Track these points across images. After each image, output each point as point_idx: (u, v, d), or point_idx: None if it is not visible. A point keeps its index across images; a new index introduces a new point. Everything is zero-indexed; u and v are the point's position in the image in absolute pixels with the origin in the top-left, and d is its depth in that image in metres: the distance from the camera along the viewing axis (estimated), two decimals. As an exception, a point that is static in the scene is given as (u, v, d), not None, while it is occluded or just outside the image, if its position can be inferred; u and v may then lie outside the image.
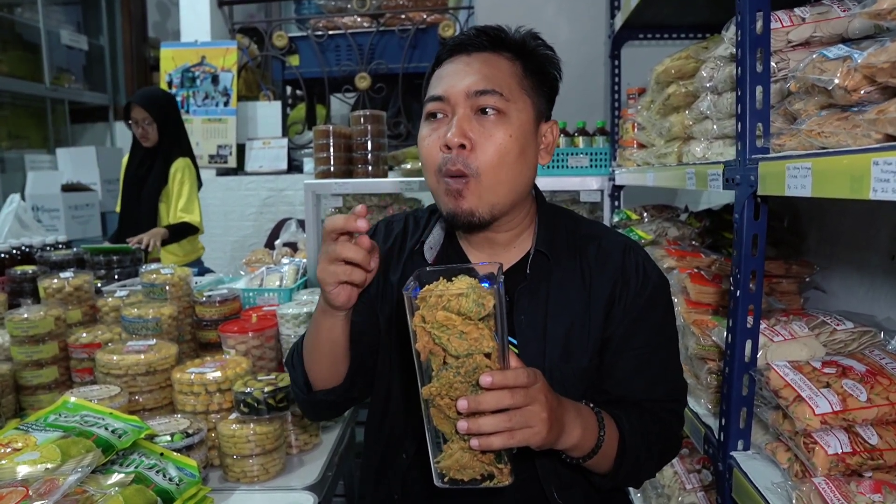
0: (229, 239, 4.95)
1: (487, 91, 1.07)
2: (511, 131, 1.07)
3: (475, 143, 1.06)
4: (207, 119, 4.88)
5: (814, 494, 0.99)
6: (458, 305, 0.84)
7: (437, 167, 1.08)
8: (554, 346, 1.12)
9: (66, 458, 1.04)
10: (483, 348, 0.85)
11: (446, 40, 1.17)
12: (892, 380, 1.09)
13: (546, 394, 0.90)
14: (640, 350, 1.13)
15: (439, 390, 0.86)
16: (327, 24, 4.82)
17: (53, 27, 5.87)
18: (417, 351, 0.87)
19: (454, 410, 0.86)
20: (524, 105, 1.11)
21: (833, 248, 1.75)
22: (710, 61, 1.52)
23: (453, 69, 1.11)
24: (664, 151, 1.91)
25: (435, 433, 0.90)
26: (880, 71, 0.82)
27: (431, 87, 1.14)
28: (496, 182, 1.07)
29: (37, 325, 1.64)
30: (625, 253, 1.17)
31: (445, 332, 0.85)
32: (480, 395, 0.84)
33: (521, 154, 1.09)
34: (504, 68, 1.10)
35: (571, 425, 0.96)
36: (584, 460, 1.03)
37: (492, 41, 1.12)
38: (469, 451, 0.87)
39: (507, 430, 0.85)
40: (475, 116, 1.07)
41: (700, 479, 1.75)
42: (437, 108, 1.10)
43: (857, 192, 0.80)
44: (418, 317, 0.86)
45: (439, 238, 1.24)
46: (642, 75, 2.12)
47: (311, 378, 1.17)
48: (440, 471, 0.89)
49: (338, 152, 2.67)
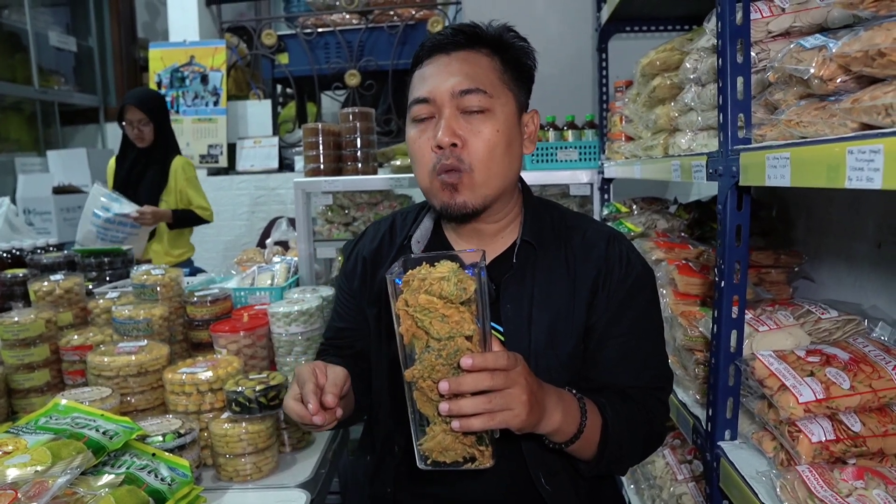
0: (221, 238, 4.94)
1: (472, 90, 1.10)
2: (498, 126, 1.11)
3: (465, 139, 1.10)
4: (197, 119, 4.87)
5: (798, 482, 1.00)
6: (440, 289, 0.86)
7: (430, 167, 1.12)
8: (539, 333, 1.15)
9: (56, 460, 1.04)
10: (464, 331, 0.87)
11: (423, 42, 1.19)
12: (874, 367, 1.10)
13: (527, 377, 0.92)
14: (624, 337, 1.16)
15: (421, 373, 0.88)
16: (316, 21, 4.81)
17: (41, 29, 5.83)
18: (401, 334, 0.89)
19: (436, 393, 0.88)
20: (507, 99, 1.14)
21: (821, 237, 1.76)
22: (694, 53, 1.52)
23: (434, 70, 1.13)
24: (651, 144, 1.92)
25: (419, 416, 0.92)
26: (854, 60, 0.82)
27: (415, 88, 1.16)
28: (488, 175, 1.12)
29: (28, 329, 1.64)
30: (609, 242, 1.21)
31: (428, 315, 0.87)
32: (461, 376, 0.86)
33: (508, 146, 1.13)
34: (484, 65, 1.13)
35: (552, 409, 0.98)
36: (567, 445, 1.05)
37: (469, 38, 1.14)
38: (451, 434, 0.89)
39: (486, 412, 0.86)
40: (462, 115, 1.11)
41: (691, 470, 1.77)
42: (423, 111, 1.13)
43: (834, 181, 0.80)
44: (401, 301, 0.88)
45: (427, 232, 1.27)
46: (629, 68, 2.13)
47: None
48: (423, 453, 0.91)
49: (327, 150, 2.67)
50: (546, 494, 1.15)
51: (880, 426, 1.07)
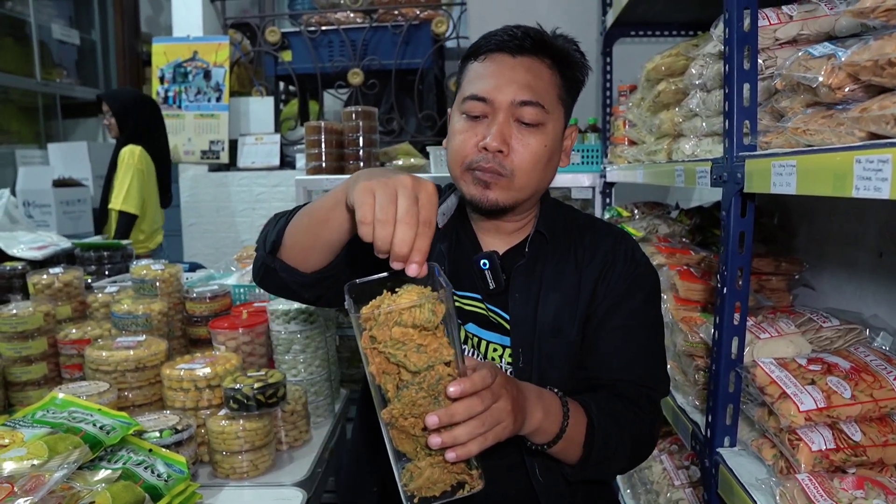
0: (221, 235, 4.93)
1: (531, 102, 1.11)
2: (546, 141, 1.14)
3: (512, 147, 1.11)
4: (199, 115, 4.85)
5: (797, 491, 0.99)
6: (412, 318, 0.80)
7: (467, 163, 1.13)
8: (545, 321, 1.17)
9: (52, 454, 1.03)
10: (444, 357, 0.82)
11: (488, 34, 1.17)
12: (876, 377, 1.10)
13: (506, 386, 0.90)
14: (619, 329, 1.18)
15: (401, 411, 0.82)
16: (320, 19, 4.79)
17: (45, 21, 5.83)
18: (372, 374, 0.83)
19: (419, 428, 0.83)
20: (559, 115, 1.17)
21: (822, 245, 1.76)
22: (700, 58, 1.52)
23: (496, 70, 1.13)
24: (654, 148, 1.91)
25: (397, 456, 0.86)
26: (863, 69, 0.82)
27: (471, 81, 1.16)
28: (526, 183, 1.14)
29: (26, 322, 1.63)
30: (616, 240, 1.25)
31: (401, 348, 0.80)
32: (451, 406, 0.82)
33: (549, 160, 1.17)
34: (546, 78, 1.14)
35: (533, 409, 0.98)
36: (550, 446, 1.03)
37: (535, 45, 1.15)
38: (439, 466, 0.84)
39: (480, 434, 0.84)
40: (514, 123, 1.12)
41: (688, 476, 1.76)
42: (478, 109, 1.13)
43: (840, 190, 0.80)
44: (366, 338, 0.82)
45: (452, 207, 1.27)
46: (634, 72, 2.13)
47: (285, 249, 1.11)
48: (409, 493, 0.86)
49: (329, 148, 2.67)
50: (539, 488, 1.14)
51: (881, 436, 1.06)
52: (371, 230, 0.82)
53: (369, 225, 0.82)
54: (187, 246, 4.81)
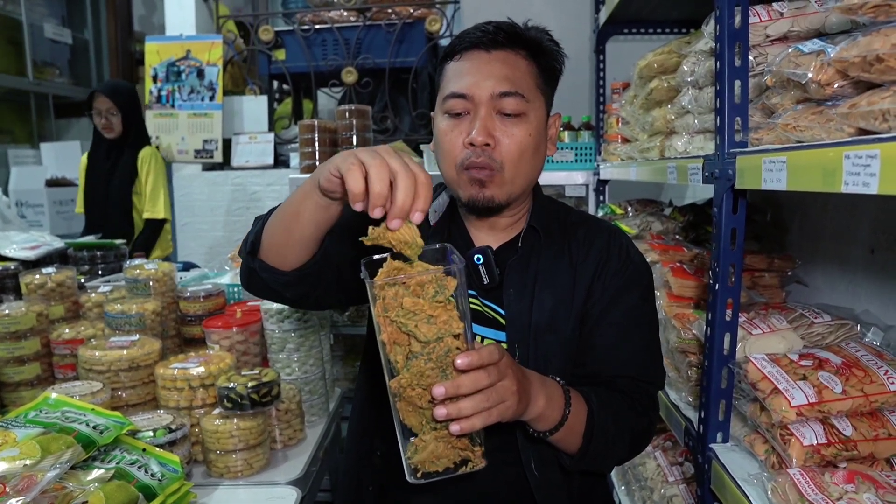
0: (215, 234, 4.92)
1: (511, 93, 1.12)
2: (530, 130, 1.15)
3: (498, 140, 1.12)
4: (193, 114, 4.84)
5: (789, 485, 1.00)
6: (424, 289, 0.84)
7: (459, 162, 1.14)
8: (540, 316, 1.17)
9: (45, 454, 1.03)
10: (453, 330, 0.85)
11: (462, 33, 1.19)
12: (866, 372, 1.11)
13: (512, 367, 0.92)
14: (616, 326, 1.18)
15: (410, 381, 0.84)
16: (313, 18, 4.78)
17: (37, 20, 5.80)
18: (383, 342, 0.85)
19: (426, 399, 0.85)
20: (540, 104, 1.18)
21: (815, 242, 1.77)
22: (692, 56, 1.52)
23: (473, 66, 1.14)
24: (647, 146, 1.92)
25: (404, 428, 0.88)
26: (852, 65, 0.83)
27: (450, 81, 1.17)
28: (516, 175, 1.15)
29: (18, 322, 1.62)
30: (610, 237, 1.25)
31: (412, 318, 0.83)
32: (458, 378, 0.84)
33: (536, 149, 1.17)
34: (522, 68, 1.16)
35: (536, 395, 0.99)
36: (552, 433, 1.04)
37: (509, 38, 1.16)
38: (444, 440, 0.86)
39: (485, 409, 0.85)
40: (497, 115, 1.13)
41: (682, 472, 1.77)
42: (459, 106, 1.14)
43: (830, 186, 0.81)
44: (379, 306, 0.84)
45: (444, 204, 1.29)
46: (627, 70, 2.13)
47: (263, 249, 1.10)
48: (413, 466, 0.88)
49: (323, 147, 2.67)
50: (534, 483, 1.15)
51: (871, 430, 1.07)
52: (362, 189, 0.83)
53: (360, 183, 0.83)
54: (181, 245, 4.79)
